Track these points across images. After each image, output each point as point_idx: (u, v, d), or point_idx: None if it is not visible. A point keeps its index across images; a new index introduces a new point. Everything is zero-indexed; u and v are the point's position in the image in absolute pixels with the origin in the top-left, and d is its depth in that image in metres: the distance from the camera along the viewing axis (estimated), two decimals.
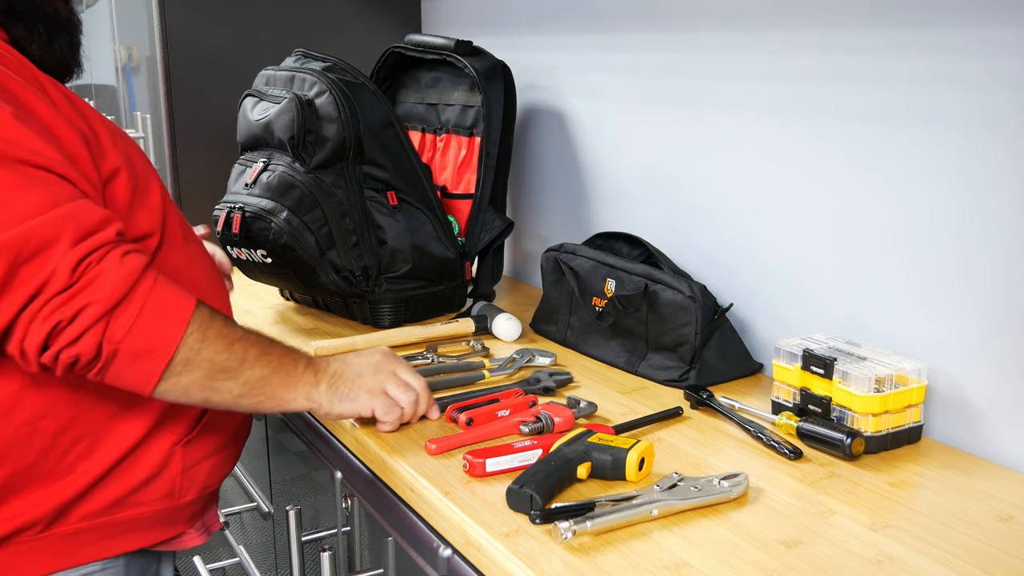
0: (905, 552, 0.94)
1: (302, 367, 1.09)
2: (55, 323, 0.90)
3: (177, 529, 1.15)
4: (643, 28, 1.66)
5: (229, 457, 1.20)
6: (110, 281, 0.92)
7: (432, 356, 1.49)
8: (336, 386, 1.12)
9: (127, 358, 0.94)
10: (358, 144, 1.60)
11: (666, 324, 1.41)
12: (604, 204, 1.82)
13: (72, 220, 0.92)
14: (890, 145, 1.25)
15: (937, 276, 1.22)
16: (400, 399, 1.18)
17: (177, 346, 0.96)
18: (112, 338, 0.92)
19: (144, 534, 1.12)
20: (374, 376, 1.16)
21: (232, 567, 1.88)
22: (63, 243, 0.91)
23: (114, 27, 2.47)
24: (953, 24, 1.15)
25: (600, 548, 0.94)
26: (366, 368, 1.16)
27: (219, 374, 1.00)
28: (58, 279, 0.90)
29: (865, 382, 1.16)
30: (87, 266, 0.91)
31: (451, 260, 1.69)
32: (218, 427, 1.16)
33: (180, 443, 1.11)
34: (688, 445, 1.20)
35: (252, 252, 1.63)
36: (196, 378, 0.99)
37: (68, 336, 0.91)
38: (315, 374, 1.10)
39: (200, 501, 1.17)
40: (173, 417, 1.10)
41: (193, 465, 1.13)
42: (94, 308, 0.91)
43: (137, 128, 2.20)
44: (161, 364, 0.96)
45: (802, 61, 1.36)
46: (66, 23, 1.11)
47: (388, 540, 1.21)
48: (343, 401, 1.13)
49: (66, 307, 0.90)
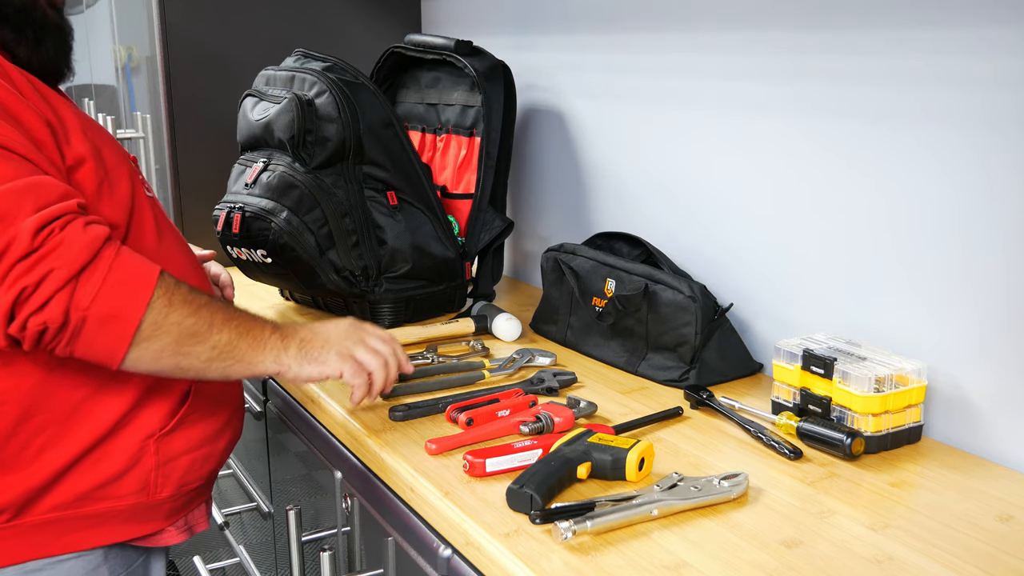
0: (905, 552, 0.94)
1: (268, 331, 1.09)
2: (20, 289, 0.90)
3: (155, 525, 1.15)
4: (643, 28, 1.66)
5: (211, 455, 1.19)
6: (74, 247, 0.92)
7: (432, 356, 1.49)
8: (305, 349, 1.11)
9: (95, 324, 0.94)
10: (358, 144, 1.60)
11: (666, 324, 1.41)
12: (604, 204, 1.82)
13: (33, 191, 0.93)
14: (892, 145, 1.25)
15: (937, 276, 1.22)
16: (368, 362, 1.16)
17: (144, 310, 0.96)
18: (79, 304, 0.93)
19: (118, 528, 1.11)
20: (342, 341, 1.16)
21: (232, 567, 1.88)
22: (24, 211, 0.91)
23: (114, 27, 2.47)
24: (955, 24, 1.15)
25: (600, 548, 0.94)
26: (334, 333, 1.16)
27: (188, 339, 1.00)
28: (19, 245, 0.90)
29: (865, 382, 1.16)
30: (49, 233, 0.92)
31: (451, 260, 1.69)
32: (197, 422, 1.15)
33: (154, 436, 1.11)
34: (688, 445, 1.20)
35: (252, 252, 1.63)
36: (166, 343, 0.98)
37: (35, 302, 0.91)
38: (282, 339, 1.10)
39: (179, 498, 1.16)
40: (145, 409, 1.10)
41: (169, 460, 1.12)
42: (59, 273, 0.91)
43: (137, 128, 2.20)
44: (130, 329, 0.96)
45: (803, 61, 1.36)
46: (55, 28, 1.11)
47: (388, 540, 1.21)
48: (312, 364, 1.12)
49: (30, 273, 0.91)
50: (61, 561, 1.08)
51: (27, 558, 1.06)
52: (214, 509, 1.77)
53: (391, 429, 1.24)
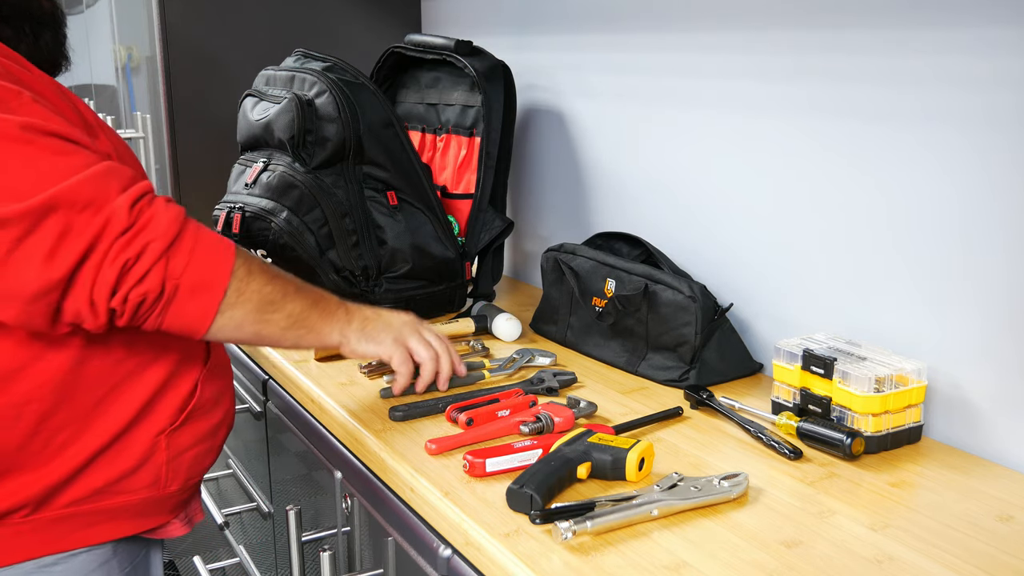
0: (905, 552, 0.94)
1: (335, 304, 1.16)
2: (123, 262, 0.94)
3: (162, 519, 1.18)
4: (643, 28, 1.66)
5: (213, 447, 1.22)
6: (164, 220, 0.96)
7: None
8: (365, 327, 1.19)
9: (187, 293, 0.98)
10: (358, 144, 1.60)
11: (666, 324, 1.41)
12: (604, 204, 1.82)
13: (114, 173, 0.96)
14: (892, 144, 1.25)
15: (938, 276, 1.22)
16: (419, 352, 1.24)
17: (229, 279, 1.01)
18: (173, 274, 0.97)
19: (130, 522, 1.14)
20: (400, 328, 1.24)
21: (232, 567, 1.88)
22: (113, 190, 0.95)
23: (114, 27, 2.47)
24: (955, 24, 1.15)
25: (600, 548, 0.94)
26: (395, 321, 1.24)
27: (267, 306, 1.06)
28: (118, 221, 0.93)
29: (865, 382, 1.16)
30: (140, 209, 0.95)
31: (451, 260, 1.69)
32: (202, 417, 1.18)
33: (165, 432, 1.13)
34: (688, 445, 1.20)
35: (252, 252, 1.63)
36: (248, 310, 1.04)
37: (136, 274, 0.94)
38: (347, 313, 1.18)
39: (185, 491, 1.19)
40: (157, 406, 1.12)
41: (178, 455, 1.15)
42: (156, 245, 0.95)
43: (137, 128, 2.20)
44: (218, 297, 1.00)
45: (803, 60, 1.36)
46: (50, 19, 1.13)
47: (388, 540, 1.21)
48: (369, 342, 1.19)
49: (131, 246, 0.94)
50: (74, 555, 1.10)
51: (43, 553, 1.08)
52: (214, 509, 1.78)
53: (391, 429, 1.24)
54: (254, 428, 1.73)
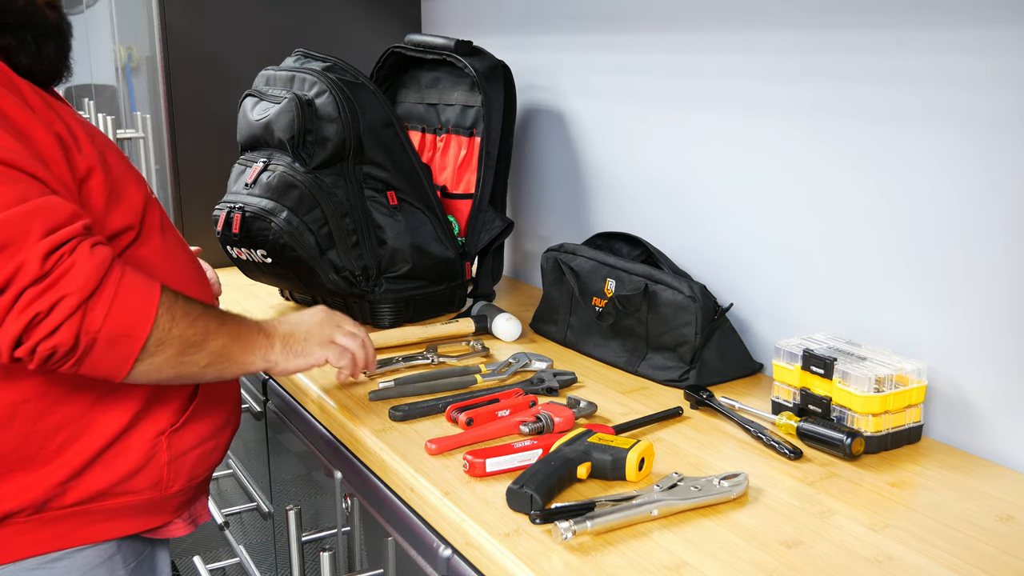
0: (905, 552, 0.94)
1: (255, 331, 1.14)
2: (32, 315, 0.91)
3: (164, 518, 1.18)
4: (643, 28, 1.66)
5: (217, 447, 1.22)
6: (83, 272, 0.94)
7: (432, 356, 1.49)
8: (289, 344, 1.17)
9: (104, 345, 0.96)
10: (358, 144, 1.60)
11: (666, 324, 1.41)
12: (604, 204, 1.82)
13: (42, 214, 0.93)
14: (892, 144, 1.25)
15: (938, 276, 1.22)
16: (349, 345, 1.23)
17: (151, 328, 0.99)
18: (90, 328, 0.94)
19: (132, 521, 1.14)
20: (321, 330, 1.22)
21: (232, 567, 1.88)
22: (32, 235, 0.92)
23: (114, 27, 2.47)
24: (956, 24, 1.15)
25: (600, 548, 0.94)
26: (313, 324, 1.22)
27: (188, 349, 1.04)
28: (29, 270, 0.91)
29: (865, 382, 1.16)
30: (59, 258, 0.93)
31: (451, 260, 1.69)
32: (204, 417, 1.18)
33: (165, 433, 1.13)
34: (688, 445, 1.20)
35: (252, 252, 1.63)
36: (168, 356, 1.02)
37: (45, 328, 0.92)
38: (267, 336, 1.15)
39: (188, 491, 1.19)
40: (157, 406, 1.12)
41: (180, 455, 1.15)
42: (71, 299, 0.93)
43: (137, 128, 2.20)
44: (136, 347, 0.98)
45: (804, 61, 1.36)
46: (55, 30, 1.12)
47: (388, 540, 1.21)
48: (297, 357, 1.18)
49: (42, 299, 0.92)
50: (78, 551, 1.11)
51: (47, 550, 1.09)
52: (214, 509, 1.78)
53: (391, 429, 1.24)
54: (254, 428, 1.73)
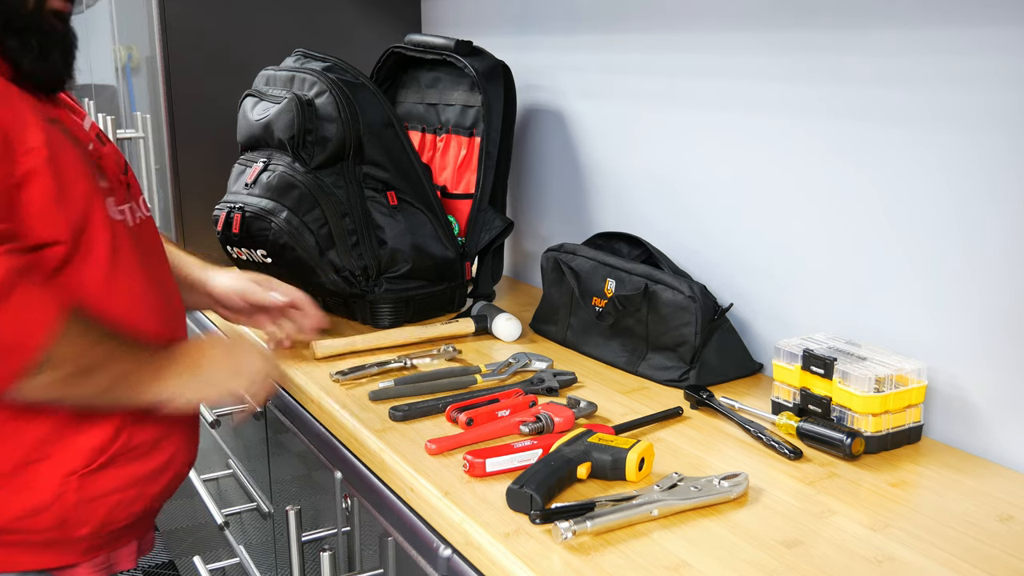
0: (905, 552, 0.94)
1: (158, 362, 1.10)
2: None
3: (68, 559, 1.13)
4: (643, 28, 1.66)
5: (143, 495, 1.16)
6: None
7: (441, 353, 1.48)
8: (195, 373, 1.13)
9: None
10: (358, 144, 1.60)
11: (666, 324, 1.41)
12: (604, 204, 1.82)
13: None
14: (892, 144, 1.25)
15: (938, 276, 1.22)
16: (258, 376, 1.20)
17: (41, 345, 0.96)
18: None
19: (31, 557, 1.10)
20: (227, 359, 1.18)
21: (232, 567, 1.88)
22: None
23: (114, 27, 2.47)
24: (956, 24, 1.15)
25: (600, 548, 0.94)
26: (218, 353, 1.18)
27: (83, 372, 1.01)
28: None
29: (865, 382, 1.16)
30: None
31: (451, 260, 1.69)
32: (128, 464, 1.13)
33: (77, 474, 1.08)
34: (688, 445, 1.20)
35: (252, 252, 1.63)
36: (57, 377, 0.99)
37: None
38: (173, 365, 1.11)
39: (99, 537, 1.14)
40: (69, 442, 1.08)
41: (92, 500, 1.10)
42: None
43: (137, 128, 2.20)
44: (21, 362, 0.96)
45: (802, 61, 1.36)
46: (61, 39, 1.10)
47: (388, 540, 1.21)
48: (207, 386, 1.14)
49: None
50: None
51: None
52: (214, 509, 1.78)
53: (391, 429, 1.24)
54: (254, 428, 1.73)
